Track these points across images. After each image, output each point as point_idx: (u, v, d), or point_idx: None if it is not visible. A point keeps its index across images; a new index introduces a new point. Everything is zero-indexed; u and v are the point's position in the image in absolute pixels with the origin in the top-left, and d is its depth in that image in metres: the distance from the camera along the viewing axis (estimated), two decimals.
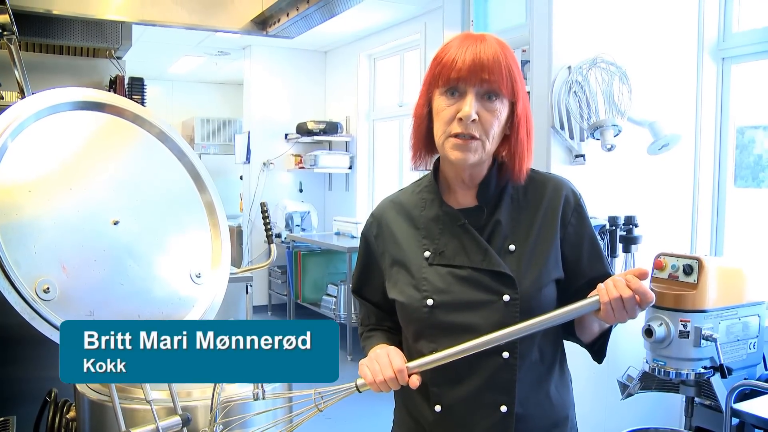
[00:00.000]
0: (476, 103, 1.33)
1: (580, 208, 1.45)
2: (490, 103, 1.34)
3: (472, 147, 1.34)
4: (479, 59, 1.32)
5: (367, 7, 5.65)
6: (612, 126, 2.86)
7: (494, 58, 1.33)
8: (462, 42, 1.35)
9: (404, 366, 1.31)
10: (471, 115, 1.32)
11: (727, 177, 3.40)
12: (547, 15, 2.99)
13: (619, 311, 1.23)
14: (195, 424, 1.56)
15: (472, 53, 1.32)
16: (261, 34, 3.46)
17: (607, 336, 1.43)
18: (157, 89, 9.08)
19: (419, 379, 1.32)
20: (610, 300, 1.23)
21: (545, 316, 1.28)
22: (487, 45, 1.34)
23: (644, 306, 1.23)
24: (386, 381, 1.31)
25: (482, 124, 1.33)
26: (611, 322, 1.28)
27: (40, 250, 1.29)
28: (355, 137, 7.39)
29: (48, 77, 3.59)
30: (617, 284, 1.23)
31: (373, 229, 1.53)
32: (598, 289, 1.25)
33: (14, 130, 1.32)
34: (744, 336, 2.66)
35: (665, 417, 3.16)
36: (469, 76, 1.32)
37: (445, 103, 1.35)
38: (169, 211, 1.56)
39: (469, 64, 1.32)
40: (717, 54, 3.35)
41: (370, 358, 1.36)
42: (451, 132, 1.35)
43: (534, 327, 1.28)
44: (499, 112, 1.35)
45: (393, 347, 1.39)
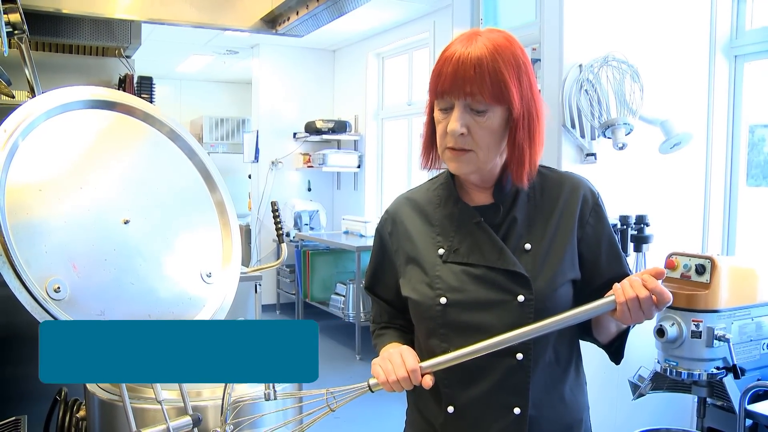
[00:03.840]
0: (465, 115, 1.30)
1: (599, 208, 1.43)
2: (478, 116, 1.30)
3: (465, 159, 1.33)
4: (462, 71, 1.27)
5: (375, 6, 5.64)
6: (623, 124, 2.84)
7: (477, 66, 1.27)
8: (453, 47, 1.31)
9: (417, 366, 1.30)
10: (457, 130, 1.30)
11: (739, 176, 3.37)
12: (557, 13, 2.97)
13: (636, 312, 1.21)
14: (205, 424, 1.56)
15: (455, 65, 1.28)
16: (270, 33, 3.46)
17: (624, 336, 1.41)
18: (166, 88, 9.11)
19: (432, 379, 1.30)
20: (626, 300, 1.21)
21: (560, 316, 1.26)
22: (472, 51, 1.28)
23: (661, 306, 1.21)
24: (399, 381, 1.29)
25: (473, 136, 1.31)
26: (627, 323, 1.26)
27: (50, 250, 1.28)
28: (363, 136, 7.38)
29: (58, 76, 3.59)
30: (633, 284, 1.21)
31: (388, 226, 1.52)
32: (614, 290, 1.23)
33: (25, 129, 1.32)
34: (757, 336, 2.64)
35: (677, 418, 3.14)
36: (452, 90, 1.29)
37: (440, 116, 1.35)
38: (180, 211, 1.56)
39: (452, 78, 1.28)
40: (729, 52, 3.32)
41: (383, 357, 1.34)
42: (446, 144, 1.34)
43: (549, 327, 1.26)
44: (491, 122, 1.31)
45: (406, 346, 1.37)
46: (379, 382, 1.32)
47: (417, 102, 6.47)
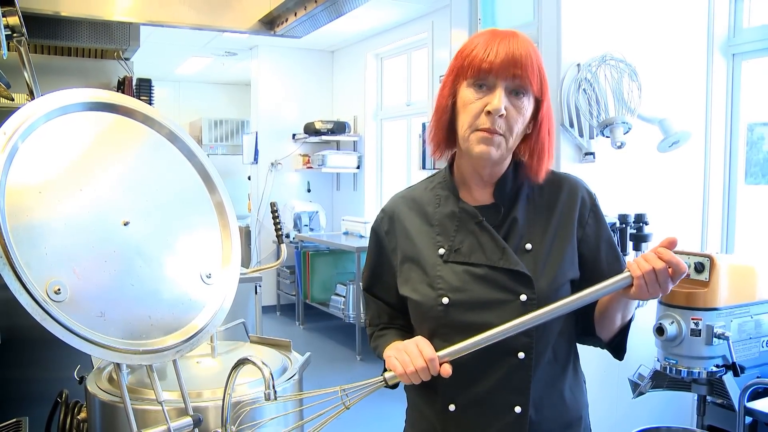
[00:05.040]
0: (505, 98, 1.32)
1: (596, 209, 1.45)
2: (517, 100, 1.33)
3: (496, 141, 1.33)
4: (512, 54, 1.31)
5: (374, 7, 5.65)
6: (622, 123, 2.85)
7: (527, 54, 1.32)
8: (493, 36, 1.34)
9: (435, 355, 1.28)
10: (500, 109, 1.30)
11: (737, 174, 3.38)
12: (555, 12, 2.97)
13: (653, 285, 1.21)
14: (206, 425, 1.56)
15: (505, 47, 1.31)
16: (268, 34, 3.46)
17: (626, 331, 1.41)
18: (165, 90, 9.11)
19: (450, 367, 1.28)
20: (642, 273, 1.20)
21: (580, 294, 1.26)
22: (519, 41, 1.33)
23: (676, 278, 1.21)
24: (417, 371, 1.27)
25: (508, 120, 1.32)
26: (644, 298, 1.24)
27: (50, 252, 1.28)
28: (362, 137, 7.39)
29: (57, 79, 3.60)
30: (648, 258, 1.21)
31: (384, 225, 1.51)
32: (629, 266, 1.23)
33: (24, 131, 1.32)
34: (756, 334, 2.64)
35: (677, 416, 3.15)
36: (501, 70, 1.31)
37: (473, 96, 1.34)
38: (179, 212, 1.56)
39: (503, 58, 1.31)
40: (727, 50, 3.33)
41: (398, 349, 1.32)
42: (478, 126, 1.33)
43: (572, 305, 1.26)
44: (525, 110, 1.34)
45: (419, 336, 1.34)
46: (396, 375, 1.30)
47: (416, 102, 6.47)
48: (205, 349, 1.92)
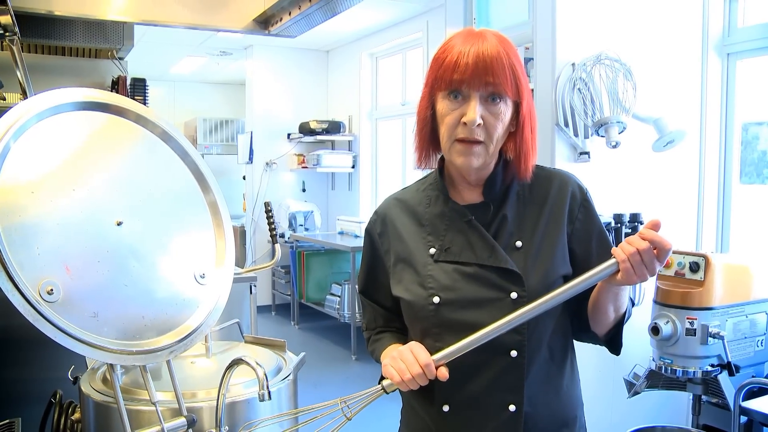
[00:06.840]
0: (480, 106, 1.30)
1: (587, 203, 1.44)
2: (493, 106, 1.31)
3: (476, 151, 1.32)
4: (482, 61, 1.28)
5: (368, 6, 5.65)
6: (617, 123, 2.85)
7: (497, 58, 1.29)
8: (464, 41, 1.32)
9: (430, 359, 1.28)
10: (476, 120, 1.29)
11: (732, 173, 3.38)
12: (550, 12, 2.97)
13: (639, 267, 1.20)
14: (200, 425, 1.55)
15: (474, 54, 1.29)
16: (263, 34, 3.44)
17: (621, 325, 1.41)
18: (160, 90, 9.09)
19: (447, 370, 1.28)
20: (627, 257, 1.20)
21: (567, 285, 1.26)
22: (488, 44, 1.30)
23: (662, 257, 1.20)
24: (414, 378, 1.27)
25: (486, 128, 1.31)
26: (633, 282, 1.23)
27: (43, 252, 1.28)
28: (357, 136, 7.38)
29: (50, 78, 3.58)
30: (631, 240, 1.21)
31: (377, 227, 1.51)
32: (614, 252, 1.23)
33: (17, 131, 1.31)
34: (751, 333, 2.64)
35: (672, 415, 3.15)
36: (472, 79, 1.29)
37: (449, 107, 1.33)
38: (173, 212, 1.55)
39: (473, 67, 1.28)
40: (722, 49, 3.33)
41: (393, 357, 1.32)
42: (457, 135, 1.32)
43: (559, 297, 1.25)
44: (503, 114, 1.32)
45: (414, 342, 1.35)
46: (393, 382, 1.29)
47: (411, 102, 6.47)
48: (200, 349, 1.91)
